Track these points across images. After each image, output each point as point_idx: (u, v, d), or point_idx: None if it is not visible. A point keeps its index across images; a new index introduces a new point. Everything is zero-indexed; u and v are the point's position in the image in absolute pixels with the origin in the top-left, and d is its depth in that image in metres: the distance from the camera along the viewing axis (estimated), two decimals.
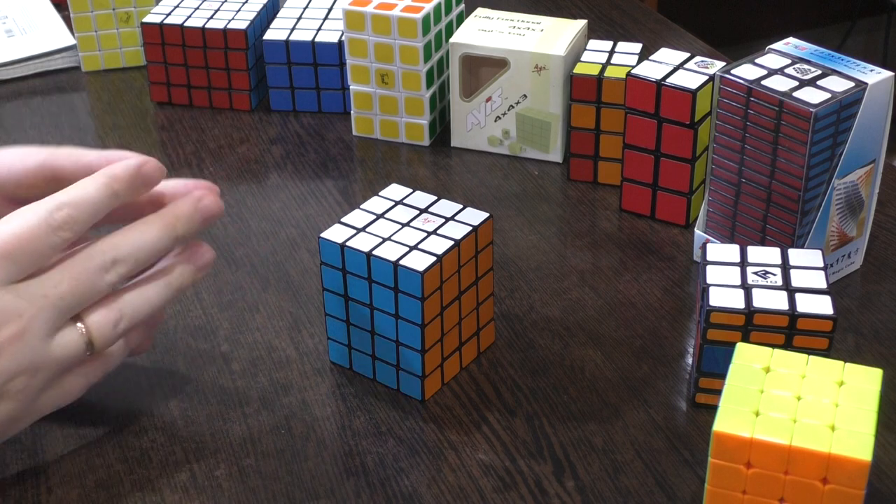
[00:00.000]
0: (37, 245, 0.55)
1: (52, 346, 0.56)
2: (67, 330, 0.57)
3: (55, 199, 0.57)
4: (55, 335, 0.56)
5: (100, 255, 0.57)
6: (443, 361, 0.66)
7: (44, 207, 0.56)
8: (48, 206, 0.56)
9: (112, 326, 0.58)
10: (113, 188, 0.58)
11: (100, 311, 0.58)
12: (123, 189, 0.58)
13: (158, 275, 0.60)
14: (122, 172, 0.59)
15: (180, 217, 0.60)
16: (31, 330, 0.55)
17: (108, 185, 0.58)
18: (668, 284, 0.75)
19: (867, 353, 0.68)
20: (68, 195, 0.57)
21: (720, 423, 0.51)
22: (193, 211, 0.61)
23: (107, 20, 1.04)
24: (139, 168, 0.59)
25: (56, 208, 0.56)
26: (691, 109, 0.76)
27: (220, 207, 0.62)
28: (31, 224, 0.55)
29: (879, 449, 0.60)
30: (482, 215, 0.65)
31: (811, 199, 0.69)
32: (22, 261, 0.55)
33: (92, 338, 0.58)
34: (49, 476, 0.61)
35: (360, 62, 0.90)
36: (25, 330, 0.55)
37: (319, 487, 0.60)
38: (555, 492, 0.59)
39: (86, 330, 0.58)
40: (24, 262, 0.55)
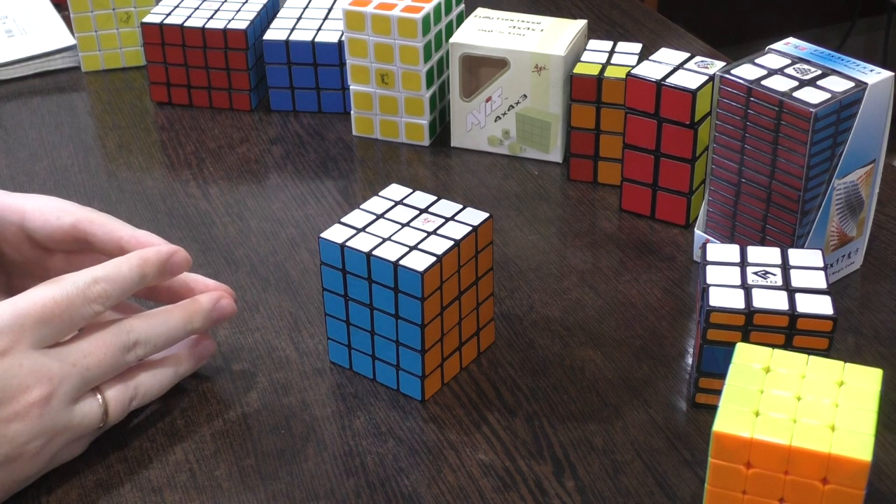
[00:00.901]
0: (71, 314, 0.58)
1: (73, 414, 0.59)
2: (88, 400, 0.60)
3: (92, 274, 0.60)
4: (77, 403, 0.59)
5: (125, 335, 0.61)
6: (443, 361, 0.66)
7: (81, 279, 0.59)
8: (85, 279, 0.59)
9: (127, 402, 0.61)
10: (144, 271, 0.62)
11: (118, 386, 0.61)
12: (152, 274, 0.63)
13: (170, 360, 0.64)
14: (153, 258, 0.63)
15: (199, 312, 0.64)
16: (57, 395, 0.57)
17: (140, 266, 0.62)
18: (668, 284, 0.75)
19: (867, 353, 0.68)
20: (104, 271, 0.60)
21: (720, 423, 0.51)
22: (211, 309, 0.65)
23: (107, 20, 1.04)
24: (169, 257, 0.63)
25: (93, 282, 0.59)
26: (691, 109, 0.76)
27: (234, 311, 0.67)
28: (69, 293, 0.58)
29: (879, 449, 0.60)
30: (482, 215, 0.65)
31: (811, 199, 0.69)
32: (56, 327, 0.58)
33: (108, 410, 0.60)
34: (49, 476, 0.61)
35: (360, 62, 0.90)
36: (52, 394, 0.57)
37: (319, 487, 0.60)
38: (555, 492, 0.59)
39: (103, 402, 0.60)
40: (57, 329, 0.58)
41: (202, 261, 0.78)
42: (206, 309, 0.64)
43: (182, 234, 0.81)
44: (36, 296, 0.58)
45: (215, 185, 0.88)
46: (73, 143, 0.95)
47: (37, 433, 0.57)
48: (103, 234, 0.66)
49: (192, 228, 0.82)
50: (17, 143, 0.95)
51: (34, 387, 0.56)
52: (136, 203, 0.86)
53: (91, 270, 0.60)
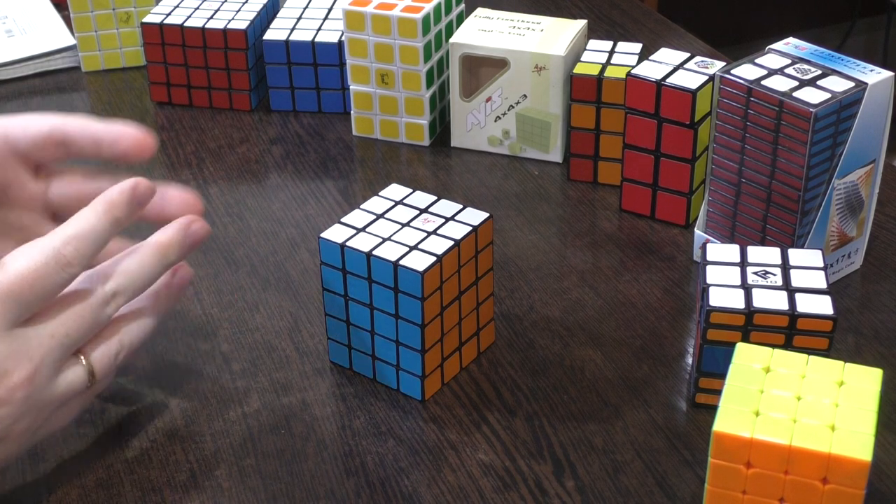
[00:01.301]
0: (45, 283, 0.55)
1: (57, 384, 0.56)
2: (72, 367, 0.57)
3: (61, 235, 0.56)
4: (60, 373, 0.57)
5: (101, 289, 0.58)
6: (443, 361, 0.66)
7: (50, 245, 0.56)
8: (55, 244, 0.56)
9: (113, 358, 0.59)
10: (114, 215, 0.58)
11: (101, 344, 0.58)
12: (123, 214, 0.59)
13: (150, 303, 0.61)
14: (118, 197, 0.59)
15: (172, 245, 0.61)
16: (40, 372, 0.55)
17: (109, 212, 0.58)
18: (668, 284, 0.75)
19: (867, 353, 0.68)
20: (74, 228, 0.57)
21: (720, 423, 0.51)
22: (184, 237, 0.61)
23: (107, 20, 1.04)
24: (134, 189, 0.59)
25: (63, 244, 0.56)
26: (691, 109, 0.76)
27: (207, 231, 0.63)
28: (40, 262, 0.55)
29: (879, 449, 0.60)
30: (482, 215, 0.65)
31: (811, 199, 0.69)
32: (30, 301, 0.55)
33: (94, 370, 0.58)
34: (49, 476, 0.61)
35: (360, 62, 0.90)
36: (35, 373, 0.55)
37: (319, 487, 0.60)
38: (555, 492, 0.59)
39: (88, 364, 0.58)
40: (31, 302, 0.55)
41: (202, 261, 0.78)
42: (178, 239, 0.61)
43: None
44: (7, 272, 0.54)
45: (215, 185, 0.88)
46: None
47: (23, 413, 0.55)
48: (80, 132, 0.63)
49: None
50: None
51: (14, 370, 0.54)
52: None
53: (60, 231, 0.56)
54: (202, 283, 0.76)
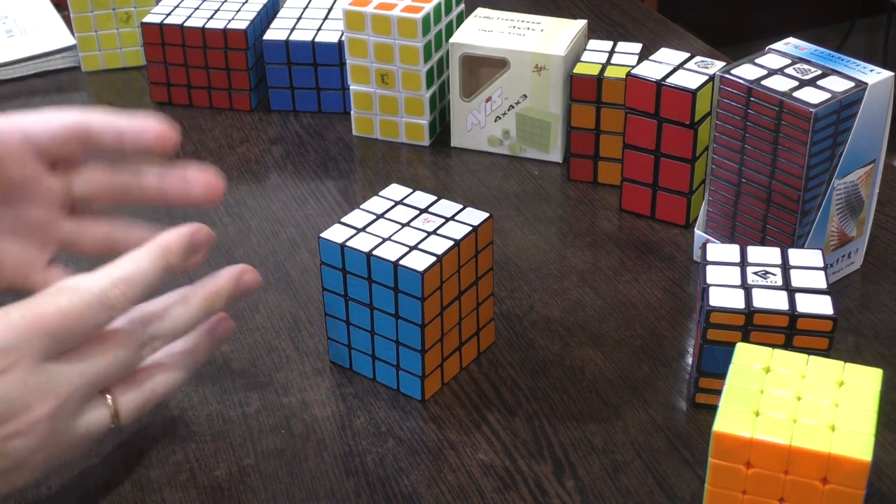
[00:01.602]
0: (85, 323, 0.53)
1: (79, 423, 0.54)
2: (97, 407, 0.55)
3: (110, 276, 0.54)
4: (84, 412, 0.55)
5: (140, 331, 0.56)
6: (443, 361, 0.66)
7: (98, 284, 0.54)
8: (103, 284, 0.54)
9: (142, 406, 0.57)
10: (168, 262, 0.56)
11: (132, 389, 0.56)
12: (177, 262, 0.57)
13: (188, 352, 0.59)
14: (176, 244, 0.57)
15: (221, 295, 0.59)
16: (63, 409, 0.53)
17: (163, 258, 0.56)
18: (668, 284, 0.75)
19: (867, 353, 0.68)
20: (123, 271, 0.55)
21: (720, 423, 0.51)
22: (234, 289, 0.59)
23: (107, 20, 1.04)
24: (193, 237, 0.58)
25: (112, 286, 0.54)
26: (691, 109, 0.76)
27: (258, 283, 0.61)
28: (84, 302, 0.53)
29: (879, 449, 0.60)
30: (482, 215, 0.65)
31: (811, 199, 0.69)
32: (65, 339, 0.53)
33: (119, 413, 0.56)
34: (49, 476, 0.61)
35: (360, 62, 0.90)
36: (58, 409, 0.53)
37: (319, 487, 0.60)
38: (555, 492, 0.59)
39: (114, 405, 0.56)
40: (67, 340, 0.53)
41: None
42: (229, 290, 0.59)
43: None
44: (49, 305, 0.53)
45: None
46: None
47: (40, 447, 0.53)
48: (103, 126, 0.61)
49: None
50: None
51: (38, 403, 0.52)
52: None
53: (108, 271, 0.55)
54: None
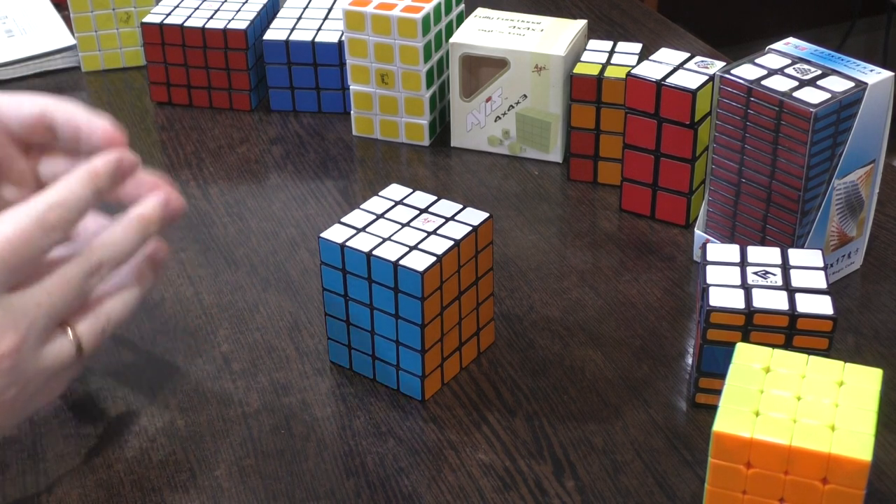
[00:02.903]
0: (31, 248, 0.55)
1: (44, 356, 0.56)
2: (58, 338, 0.57)
3: (46, 201, 0.57)
4: (47, 344, 0.57)
5: (86, 261, 0.58)
6: (443, 361, 0.66)
7: (34, 209, 0.56)
8: (39, 208, 0.56)
9: (100, 332, 0.59)
10: (97, 185, 0.59)
11: (88, 318, 0.59)
12: (105, 185, 0.59)
13: (134, 276, 0.62)
14: (103, 169, 0.59)
15: (153, 219, 0.61)
16: (26, 341, 0.55)
17: (92, 181, 0.59)
18: (668, 284, 0.75)
19: (867, 353, 0.68)
20: (58, 195, 0.57)
21: (720, 423, 0.51)
22: (164, 212, 0.62)
23: (107, 20, 1.04)
24: (119, 163, 0.60)
25: (47, 209, 0.56)
26: (691, 109, 0.76)
27: (184, 207, 0.63)
28: (25, 227, 0.55)
29: (879, 449, 0.60)
30: (482, 215, 0.65)
31: (811, 199, 0.69)
32: (16, 265, 0.55)
33: (82, 344, 0.58)
34: (49, 476, 0.61)
35: (360, 62, 0.90)
36: (22, 342, 0.55)
37: (319, 487, 0.60)
38: (555, 492, 0.59)
39: (75, 336, 0.58)
40: (17, 267, 0.55)
41: (202, 261, 0.78)
42: (159, 214, 0.61)
43: (182, 234, 0.81)
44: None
45: (215, 185, 0.88)
46: None
47: (9, 383, 0.54)
48: (64, 120, 0.63)
49: (192, 228, 0.82)
50: None
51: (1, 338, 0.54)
52: None
53: (44, 197, 0.56)
54: (202, 283, 0.76)
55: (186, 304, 0.74)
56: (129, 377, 0.68)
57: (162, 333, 0.71)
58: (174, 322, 0.72)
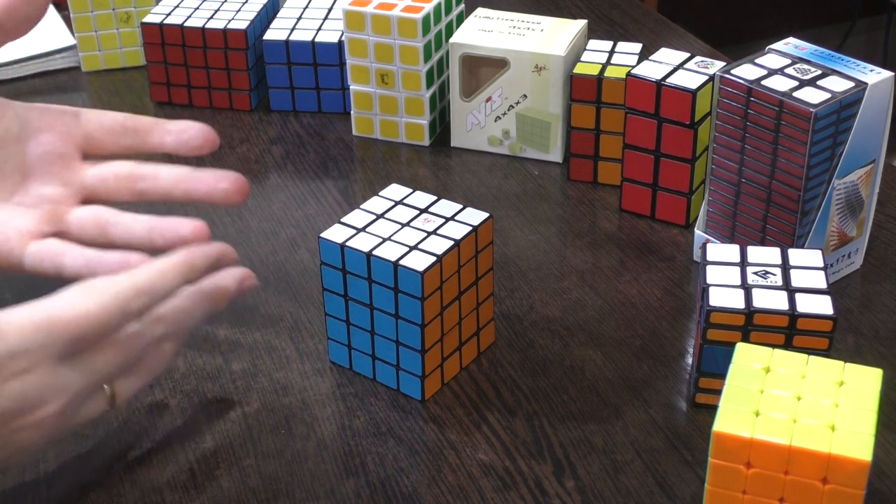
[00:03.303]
0: (106, 329, 0.55)
1: (80, 414, 0.56)
2: (96, 395, 0.57)
3: (135, 285, 0.56)
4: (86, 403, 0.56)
5: (150, 333, 0.57)
6: (443, 361, 0.66)
7: (123, 291, 0.55)
8: (128, 292, 0.55)
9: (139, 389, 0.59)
10: (189, 278, 0.59)
11: (129, 377, 0.58)
12: (197, 279, 0.60)
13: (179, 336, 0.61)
14: (201, 263, 0.60)
15: (224, 297, 0.62)
16: (71, 405, 0.55)
17: (185, 275, 0.59)
18: (668, 284, 0.75)
19: (867, 353, 0.68)
20: (150, 281, 0.56)
21: (720, 423, 0.51)
22: (236, 291, 0.62)
23: (107, 20, 1.04)
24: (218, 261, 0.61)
25: (135, 295, 0.56)
26: (691, 109, 0.76)
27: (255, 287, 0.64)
28: (108, 309, 0.54)
29: (879, 449, 0.60)
30: (482, 215, 0.65)
31: (811, 199, 0.69)
32: (86, 341, 0.54)
33: (116, 397, 0.58)
34: (49, 476, 0.61)
35: (360, 62, 0.90)
36: (68, 405, 0.54)
37: (319, 487, 0.60)
38: (555, 492, 0.59)
39: (111, 391, 0.58)
40: (87, 342, 0.54)
41: None
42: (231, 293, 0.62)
43: None
44: (73, 308, 0.54)
45: None
46: None
47: (45, 441, 0.55)
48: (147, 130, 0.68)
49: None
50: None
51: (53, 401, 0.53)
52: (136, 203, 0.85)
53: (134, 280, 0.56)
54: None
55: None
56: None
57: None
58: None
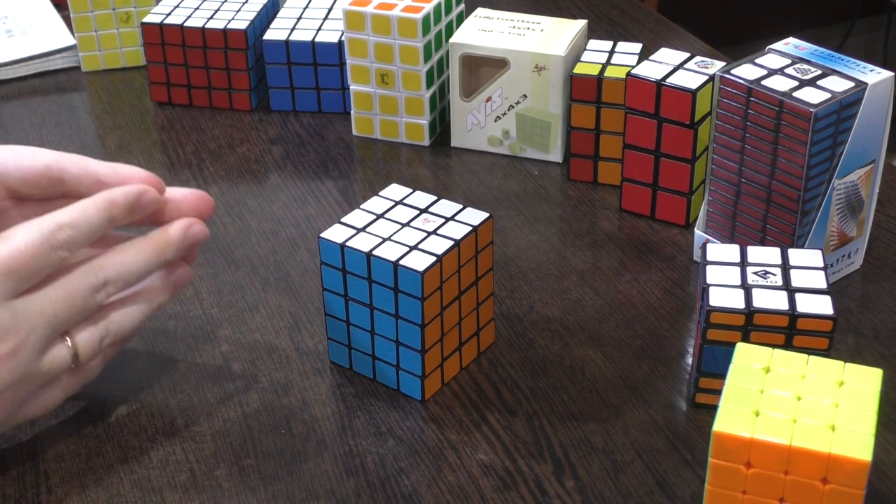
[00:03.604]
0: (37, 262, 0.57)
1: (42, 362, 0.58)
2: (56, 345, 0.59)
3: (56, 219, 0.58)
4: (45, 351, 0.58)
5: (93, 276, 0.59)
6: (443, 361, 0.66)
7: (46, 226, 0.58)
8: (50, 226, 0.58)
9: (98, 343, 0.61)
10: (111, 213, 0.60)
11: (87, 328, 0.60)
12: (120, 215, 0.61)
13: (141, 294, 0.63)
14: (121, 199, 0.61)
15: (170, 244, 0.62)
16: (25, 346, 0.57)
17: (107, 209, 0.60)
18: (668, 284, 0.75)
19: (867, 353, 0.68)
20: (70, 216, 0.59)
21: (720, 423, 0.51)
22: (182, 238, 0.63)
23: (107, 20, 1.04)
24: (138, 198, 0.61)
25: (58, 228, 0.58)
26: (691, 109, 0.76)
27: (206, 235, 0.65)
28: (34, 242, 0.57)
29: (879, 449, 0.60)
30: (482, 215, 0.65)
31: (811, 199, 0.69)
32: (21, 277, 0.57)
33: (78, 352, 0.60)
34: (49, 476, 0.61)
35: (360, 62, 0.90)
36: (20, 346, 0.56)
37: (319, 487, 0.60)
38: (555, 492, 0.59)
39: (73, 345, 0.59)
40: (23, 279, 0.57)
41: (202, 260, 0.78)
42: (177, 239, 0.62)
43: None
44: (5, 247, 0.56)
45: (215, 185, 0.88)
46: (73, 143, 0.95)
47: (6, 385, 0.56)
48: (79, 171, 0.63)
49: None
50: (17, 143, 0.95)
51: (2, 341, 0.56)
52: None
53: (55, 216, 0.58)
54: (202, 283, 0.76)
55: (186, 304, 0.74)
56: (129, 377, 0.68)
57: (162, 334, 0.71)
58: (174, 322, 0.72)
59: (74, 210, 0.59)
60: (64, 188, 0.64)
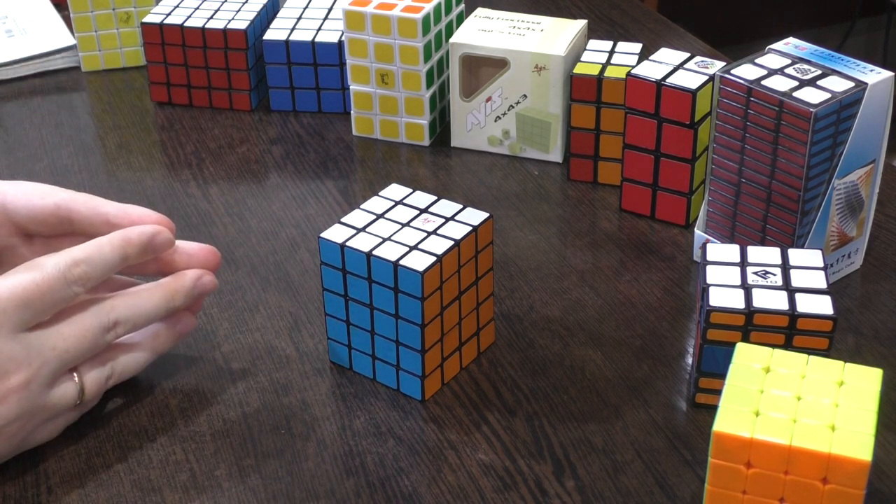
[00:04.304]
0: (52, 296, 0.58)
1: (50, 395, 0.59)
2: (65, 381, 0.60)
3: (72, 255, 0.60)
4: (55, 385, 0.60)
5: (105, 315, 0.61)
6: (443, 361, 0.66)
7: (62, 261, 0.59)
8: (66, 261, 0.59)
9: (104, 382, 0.62)
10: (126, 251, 0.62)
11: (95, 367, 0.62)
12: (134, 255, 0.63)
13: (147, 338, 0.65)
14: (136, 238, 0.63)
15: (180, 291, 0.64)
16: (36, 380, 0.58)
17: (122, 248, 0.62)
18: (668, 284, 0.75)
19: (867, 353, 0.68)
20: (85, 252, 0.60)
21: (720, 423, 0.51)
22: (193, 287, 0.65)
23: (107, 20, 1.04)
24: (152, 238, 0.63)
25: (73, 264, 0.59)
26: (691, 109, 0.76)
27: (215, 286, 0.67)
28: (49, 276, 0.58)
29: (879, 449, 0.60)
30: (482, 215, 0.65)
31: (811, 199, 0.69)
32: (36, 310, 0.58)
33: (84, 389, 0.61)
34: (49, 476, 0.61)
35: (360, 62, 0.90)
36: (31, 379, 0.58)
37: (319, 487, 0.60)
38: (555, 492, 0.59)
39: (80, 382, 0.61)
40: (37, 312, 0.58)
41: None
42: (188, 287, 0.64)
43: (182, 234, 0.81)
44: (16, 280, 0.58)
45: (215, 185, 0.88)
46: (73, 143, 0.95)
47: (15, 416, 0.58)
48: (88, 211, 0.65)
49: (192, 228, 0.82)
50: (17, 143, 0.95)
51: (13, 372, 0.57)
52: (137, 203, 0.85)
53: (71, 252, 0.60)
54: None
55: None
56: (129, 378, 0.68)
57: None
58: None
59: (90, 247, 0.61)
60: (73, 227, 0.66)
